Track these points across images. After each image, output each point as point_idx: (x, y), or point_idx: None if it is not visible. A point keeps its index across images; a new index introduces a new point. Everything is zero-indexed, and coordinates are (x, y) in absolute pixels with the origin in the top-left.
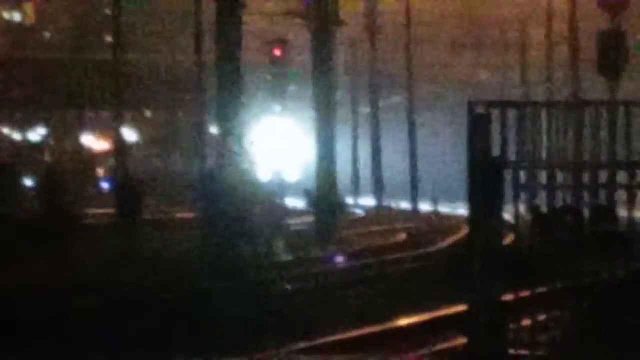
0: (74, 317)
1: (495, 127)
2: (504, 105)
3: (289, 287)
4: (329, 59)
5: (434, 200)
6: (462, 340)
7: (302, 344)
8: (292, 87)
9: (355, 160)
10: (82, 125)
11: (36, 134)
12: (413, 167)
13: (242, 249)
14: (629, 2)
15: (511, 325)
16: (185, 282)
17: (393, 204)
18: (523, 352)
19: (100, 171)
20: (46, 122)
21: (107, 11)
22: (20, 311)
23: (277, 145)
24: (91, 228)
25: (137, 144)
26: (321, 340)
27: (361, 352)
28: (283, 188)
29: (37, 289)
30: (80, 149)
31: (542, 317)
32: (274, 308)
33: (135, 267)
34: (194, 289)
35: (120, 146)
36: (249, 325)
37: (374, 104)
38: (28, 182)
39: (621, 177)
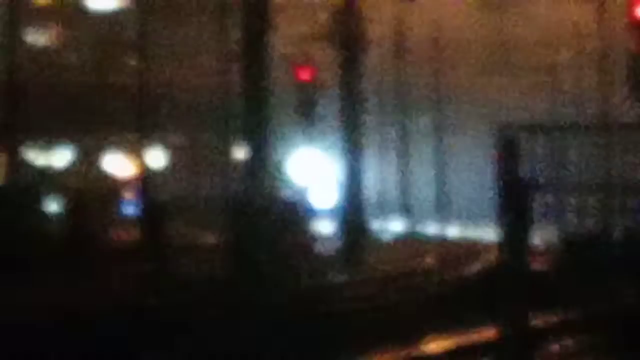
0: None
1: (525, 150)
2: (533, 128)
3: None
4: (357, 81)
5: (462, 223)
6: None
7: None
8: (319, 109)
9: (383, 183)
10: (106, 148)
11: (59, 157)
12: (440, 189)
13: (268, 273)
14: None
15: (540, 350)
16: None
17: (420, 227)
18: None
19: (128, 195)
20: (69, 146)
21: (132, 34)
22: (50, 334)
23: (310, 169)
24: (116, 252)
25: (162, 168)
26: None
27: None
28: (314, 212)
29: (62, 311)
30: (104, 172)
31: (570, 342)
32: (294, 334)
33: (161, 291)
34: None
35: (145, 170)
36: (269, 351)
37: (401, 126)
38: (52, 205)
39: None
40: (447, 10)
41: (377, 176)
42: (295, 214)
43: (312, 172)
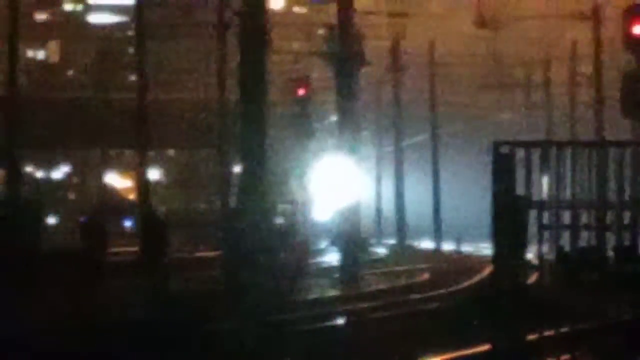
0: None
1: (520, 167)
2: (528, 145)
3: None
4: (353, 98)
5: (457, 240)
6: None
7: None
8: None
9: (379, 199)
10: (105, 163)
11: (60, 172)
12: (436, 206)
13: (261, 288)
14: None
15: None
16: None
17: (416, 244)
18: None
19: (128, 209)
20: (70, 161)
21: (131, 50)
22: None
23: (309, 184)
24: (114, 266)
25: (160, 183)
26: None
27: None
28: (312, 226)
29: (62, 326)
30: (103, 187)
31: (565, 356)
32: (287, 349)
33: (161, 305)
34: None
35: (144, 185)
36: None
37: (397, 143)
38: (52, 219)
39: None
40: (443, 27)
41: (376, 191)
42: (292, 229)
43: (311, 186)
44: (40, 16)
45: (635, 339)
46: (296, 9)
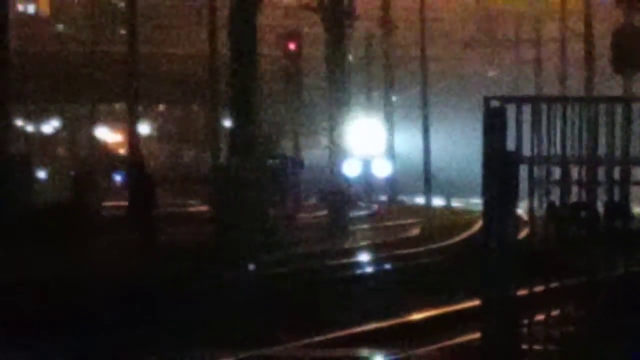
0: (88, 307)
1: (511, 123)
2: (519, 100)
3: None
4: (343, 53)
5: (448, 196)
6: (475, 335)
7: (313, 339)
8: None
9: (371, 154)
10: (95, 118)
11: (50, 126)
12: (426, 161)
13: (249, 241)
14: None
15: (524, 320)
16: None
17: (406, 199)
18: (536, 347)
19: (118, 164)
20: (60, 115)
21: (122, 4)
22: (37, 302)
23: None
24: (106, 220)
25: (151, 138)
26: (328, 336)
27: (373, 347)
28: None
29: (54, 280)
30: (93, 142)
31: (555, 312)
32: (275, 302)
33: (150, 258)
34: (197, 281)
35: (134, 139)
36: (253, 319)
37: (387, 99)
38: (41, 173)
39: (636, 173)
40: None
41: (365, 148)
42: (282, 183)
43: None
44: None
45: (623, 295)
46: None
